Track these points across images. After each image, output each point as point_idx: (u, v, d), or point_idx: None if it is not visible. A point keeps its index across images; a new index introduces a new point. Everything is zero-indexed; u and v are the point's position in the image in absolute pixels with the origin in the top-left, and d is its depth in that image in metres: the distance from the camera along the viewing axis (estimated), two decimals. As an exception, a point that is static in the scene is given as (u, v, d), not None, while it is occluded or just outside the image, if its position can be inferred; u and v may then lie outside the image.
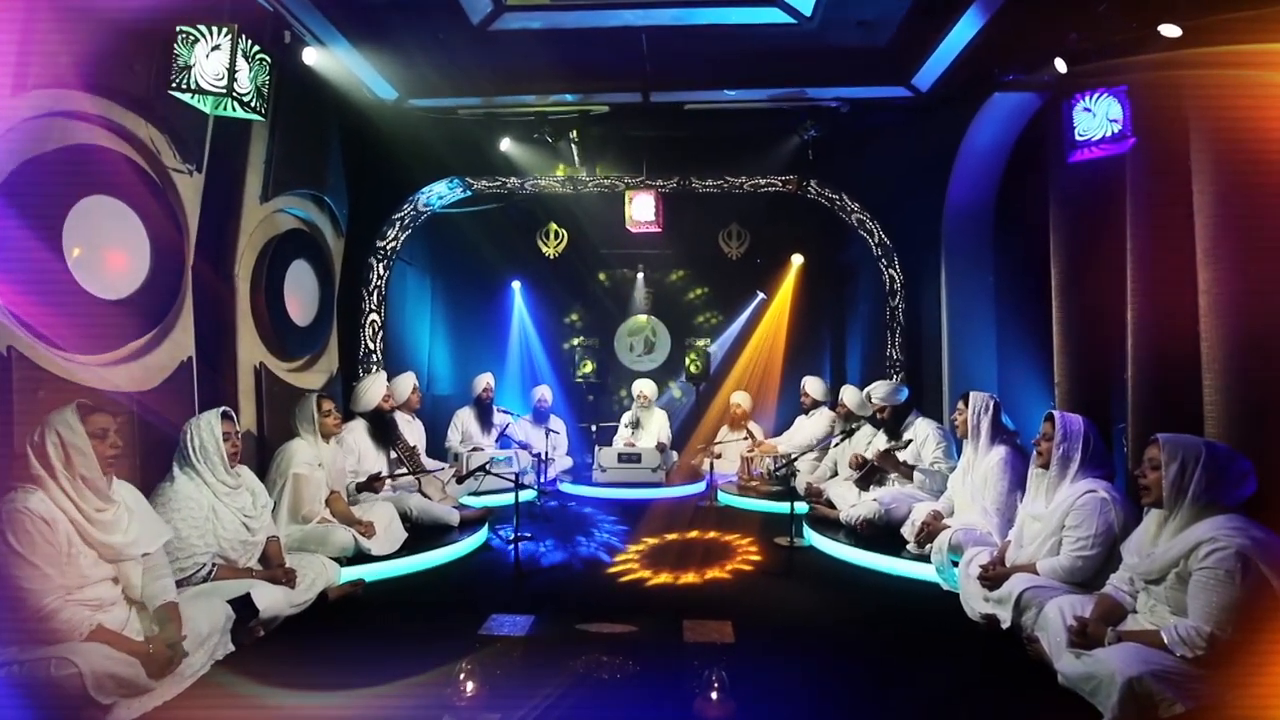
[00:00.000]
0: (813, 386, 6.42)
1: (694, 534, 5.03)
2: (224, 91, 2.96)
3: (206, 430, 3.15)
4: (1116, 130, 3.49)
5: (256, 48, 3.08)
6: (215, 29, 3.05)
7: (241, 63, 3.00)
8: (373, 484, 4.58)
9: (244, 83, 3.04)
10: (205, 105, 3.07)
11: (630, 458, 6.54)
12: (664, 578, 4.05)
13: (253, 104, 3.09)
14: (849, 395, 5.80)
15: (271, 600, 3.10)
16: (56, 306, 3.09)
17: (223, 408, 3.25)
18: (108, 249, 3.37)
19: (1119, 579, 2.73)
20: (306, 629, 3.22)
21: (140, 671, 2.39)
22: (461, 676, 2.55)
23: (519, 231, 7.84)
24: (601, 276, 8.87)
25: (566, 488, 6.62)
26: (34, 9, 2.86)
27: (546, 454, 6.57)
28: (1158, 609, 2.52)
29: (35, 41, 2.88)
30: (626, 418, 7.32)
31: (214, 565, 3.12)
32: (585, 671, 2.76)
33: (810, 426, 6.32)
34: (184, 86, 2.95)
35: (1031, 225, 4.57)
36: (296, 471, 3.87)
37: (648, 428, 7.22)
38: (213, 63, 2.95)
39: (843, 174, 5.95)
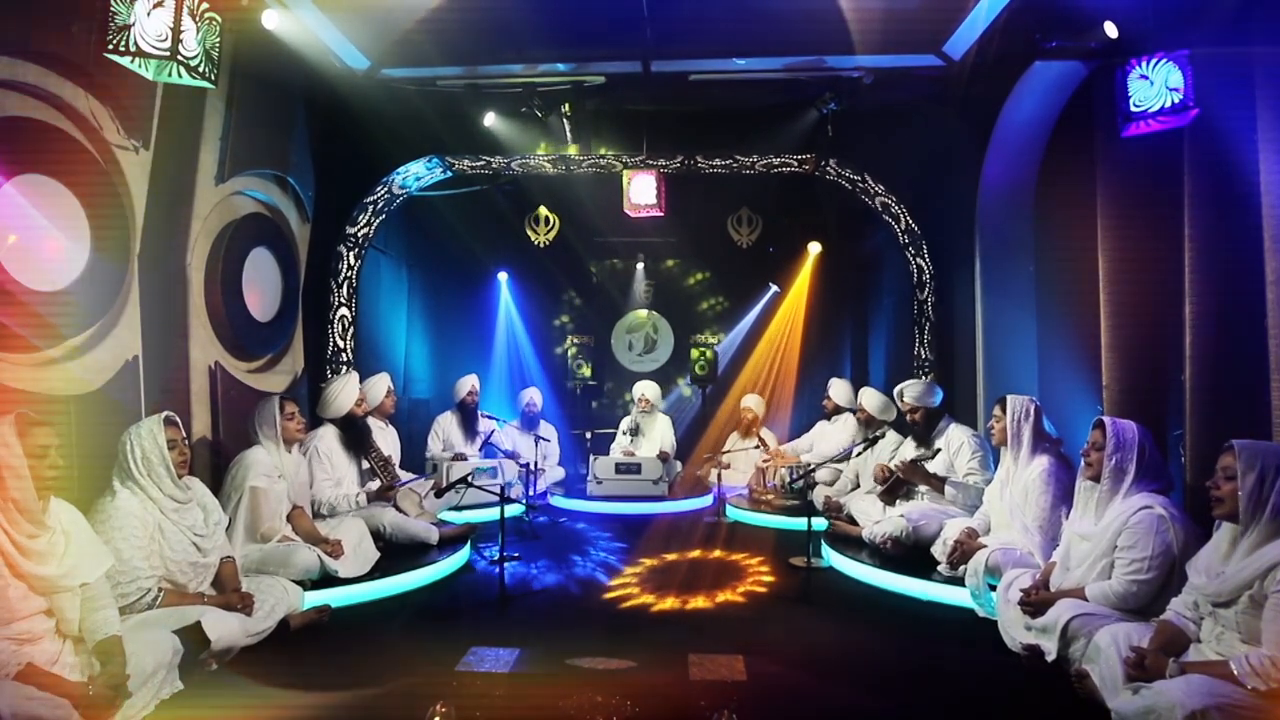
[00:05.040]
0: (837, 390, 6.38)
1: (700, 553, 4.99)
2: (167, 55, 2.90)
3: (148, 439, 3.09)
4: (1177, 100, 3.43)
5: (205, 5, 3.02)
6: (157, -17, 2.98)
7: (188, 22, 2.94)
8: (385, 494, 4.68)
9: (190, 45, 2.98)
10: (147, 70, 3.00)
11: (629, 468, 6.50)
12: (667, 604, 3.99)
13: (201, 69, 3.03)
14: (869, 398, 5.75)
15: (226, 629, 3.04)
16: (-18, 299, 3.02)
17: (165, 413, 3.19)
18: (42, 234, 3.30)
19: (1181, 604, 2.69)
20: (265, 661, 3.14)
21: (71, 713, 2.31)
22: (436, 719, 2.49)
23: (505, 217, 7.80)
24: (600, 266, 8.81)
25: (558, 502, 6.60)
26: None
27: (536, 464, 6.53)
28: (1226, 636, 2.48)
29: (-45, 0, 2.82)
30: (625, 424, 7.29)
31: (160, 590, 3.06)
32: (577, 714, 2.70)
33: (836, 434, 6.26)
34: (122, 48, 2.88)
35: (1077, 208, 4.52)
36: (254, 484, 3.82)
37: (649, 435, 7.18)
38: (154, 22, 2.89)
39: (865, 153, 5.89)
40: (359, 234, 6.02)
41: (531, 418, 7.14)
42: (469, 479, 4.78)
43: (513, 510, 5.71)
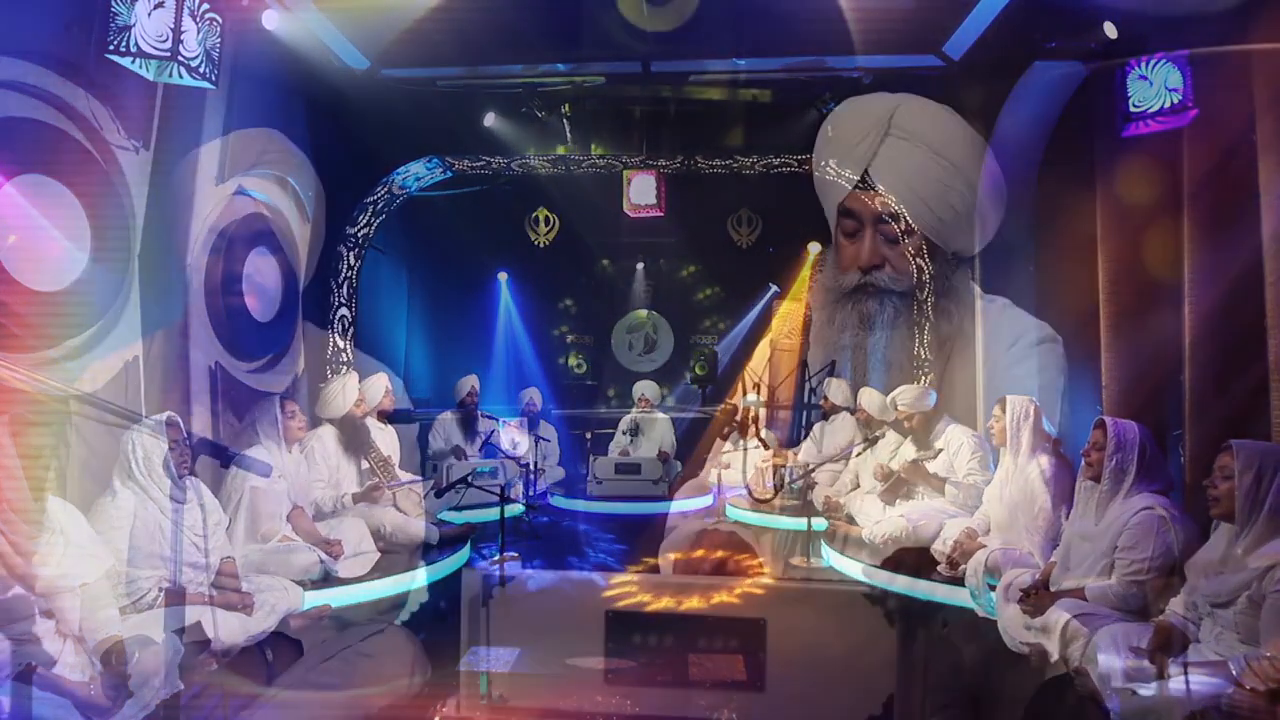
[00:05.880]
0: (834, 390, 6.36)
1: (699, 553, 4.97)
2: (168, 55, 2.91)
3: (149, 439, 3.08)
4: (1176, 101, 3.44)
5: (205, 5, 3.03)
6: (158, -16, 2.99)
7: (188, 22, 2.95)
8: (370, 493, 4.58)
9: (191, 45, 2.99)
10: (148, 71, 3.01)
11: (629, 468, 6.48)
12: (666, 604, 3.98)
13: (201, 69, 3.04)
14: (869, 399, 5.73)
15: (226, 629, 3.04)
16: (-18, 299, 3.02)
17: (167, 413, 3.19)
18: (42, 234, 3.29)
19: (1180, 604, 2.69)
20: (265, 662, 3.15)
21: (72, 714, 2.32)
22: (437, 719, 2.49)
23: (505, 218, 7.80)
24: (600, 266, 8.80)
25: (558, 501, 6.57)
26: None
27: (536, 464, 6.51)
28: (1224, 637, 2.48)
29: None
30: (624, 424, 7.28)
31: (160, 590, 3.04)
32: (577, 714, 2.70)
33: (835, 433, 6.25)
34: (122, 49, 2.88)
35: (1077, 208, 4.50)
36: (254, 484, 3.80)
37: (649, 435, 7.17)
38: (155, 22, 2.90)
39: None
40: (359, 234, 6.02)
41: (531, 417, 7.12)
42: (469, 479, 4.77)
43: (513, 510, 5.70)
